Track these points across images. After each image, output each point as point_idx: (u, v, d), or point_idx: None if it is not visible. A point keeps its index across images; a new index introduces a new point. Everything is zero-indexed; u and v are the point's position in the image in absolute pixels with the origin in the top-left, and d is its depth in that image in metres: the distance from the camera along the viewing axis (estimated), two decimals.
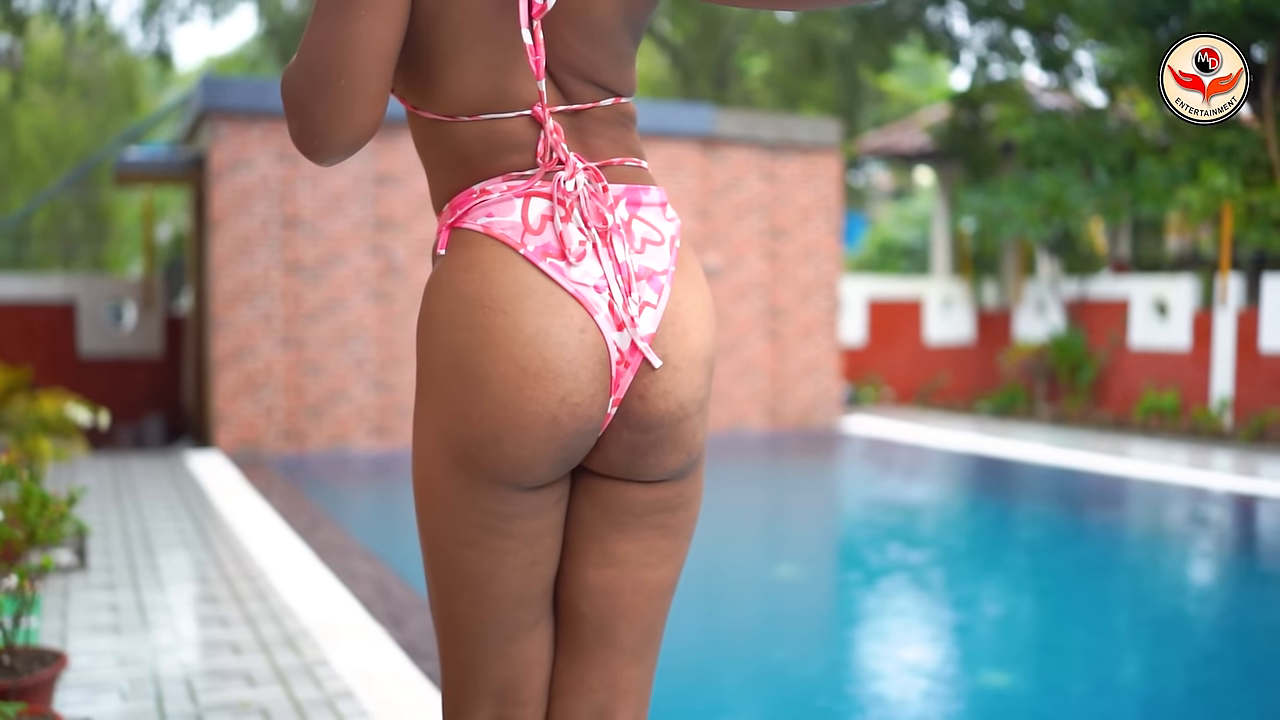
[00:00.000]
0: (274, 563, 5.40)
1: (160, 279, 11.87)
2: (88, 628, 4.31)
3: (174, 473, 8.47)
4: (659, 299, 1.49)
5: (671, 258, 1.52)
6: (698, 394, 1.53)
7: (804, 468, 10.44)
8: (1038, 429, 11.51)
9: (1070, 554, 6.81)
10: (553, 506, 1.56)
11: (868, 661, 4.89)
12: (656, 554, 1.59)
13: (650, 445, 1.52)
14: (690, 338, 1.52)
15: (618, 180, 1.52)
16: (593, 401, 1.46)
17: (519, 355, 1.44)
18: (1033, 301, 13.10)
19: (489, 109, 1.49)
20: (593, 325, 1.46)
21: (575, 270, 1.47)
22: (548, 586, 1.61)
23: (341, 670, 3.79)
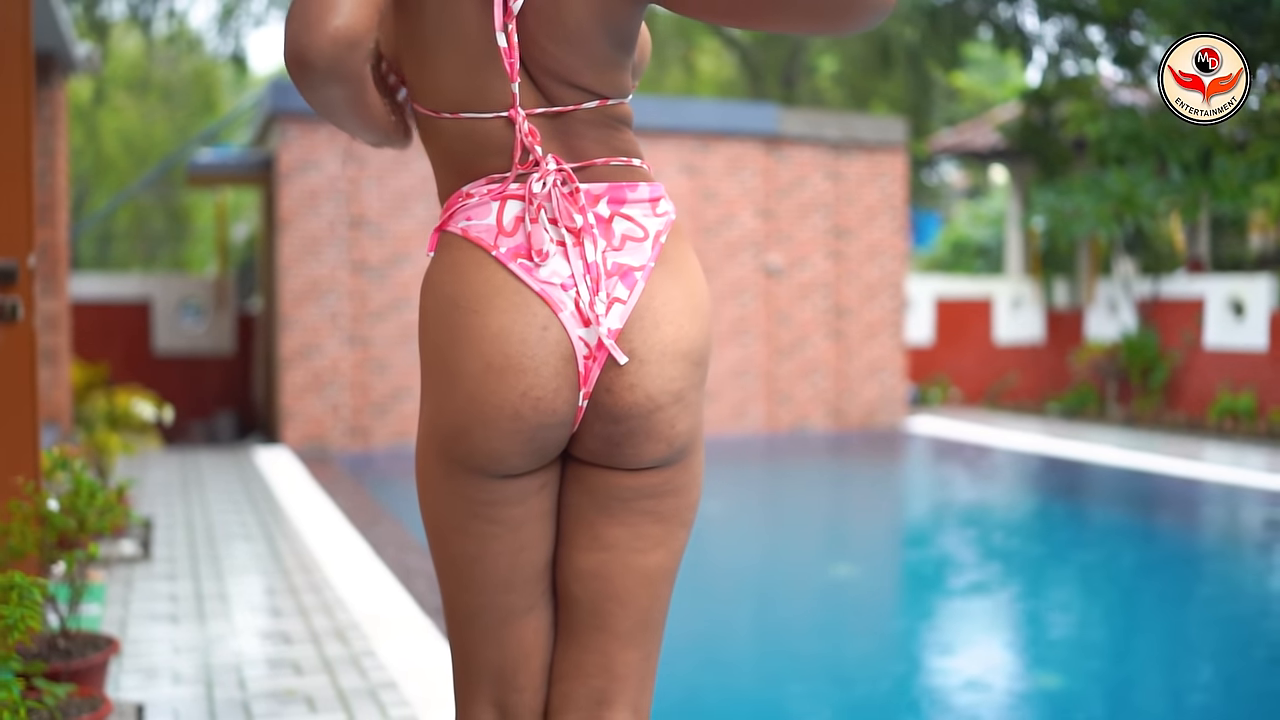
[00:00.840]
0: (331, 556, 5.49)
1: (234, 278, 12.11)
2: (147, 616, 4.42)
3: (241, 468, 8.64)
4: (630, 294, 1.52)
5: (652, 253, 1.55)
6: (670, 385, 1.55)
7: (867, 468, 10.37)
8: (1108, 431, 11.32)
9: (1141, 558, 6.70)
10: (536, 494, 1.60)
11: (927, 664, 4.85)
12: (647, 539, 1.62)
13: (624, 436, 1.55)
14: (662, 331, 1.54)
15: (601, 179, 1.56)
16: (556, 395, 1.52)
17: (485, 351, 1.51)
18: (1105, 301, 12.88)
19: (467, 107, 1.54)
20: (556, 322, 1.51)
21: (544, 269, 1.53)
22: (538, 573, 1.64)
23: (387, 661, 3.85)
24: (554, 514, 1.65)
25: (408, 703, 3.45)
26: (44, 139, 8.32)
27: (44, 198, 8.34)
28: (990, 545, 7.14)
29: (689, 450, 1.61)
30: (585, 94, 1.54)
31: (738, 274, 11.30)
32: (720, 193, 11.18)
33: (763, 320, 11.41)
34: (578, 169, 1.55)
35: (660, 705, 4.17)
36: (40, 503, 2.97)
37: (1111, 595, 5.96)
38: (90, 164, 20.25)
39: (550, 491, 1.63)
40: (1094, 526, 7.81)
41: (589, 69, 1.53)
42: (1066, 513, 8.28)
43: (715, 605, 5.68)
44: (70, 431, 8.38)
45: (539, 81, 1.54)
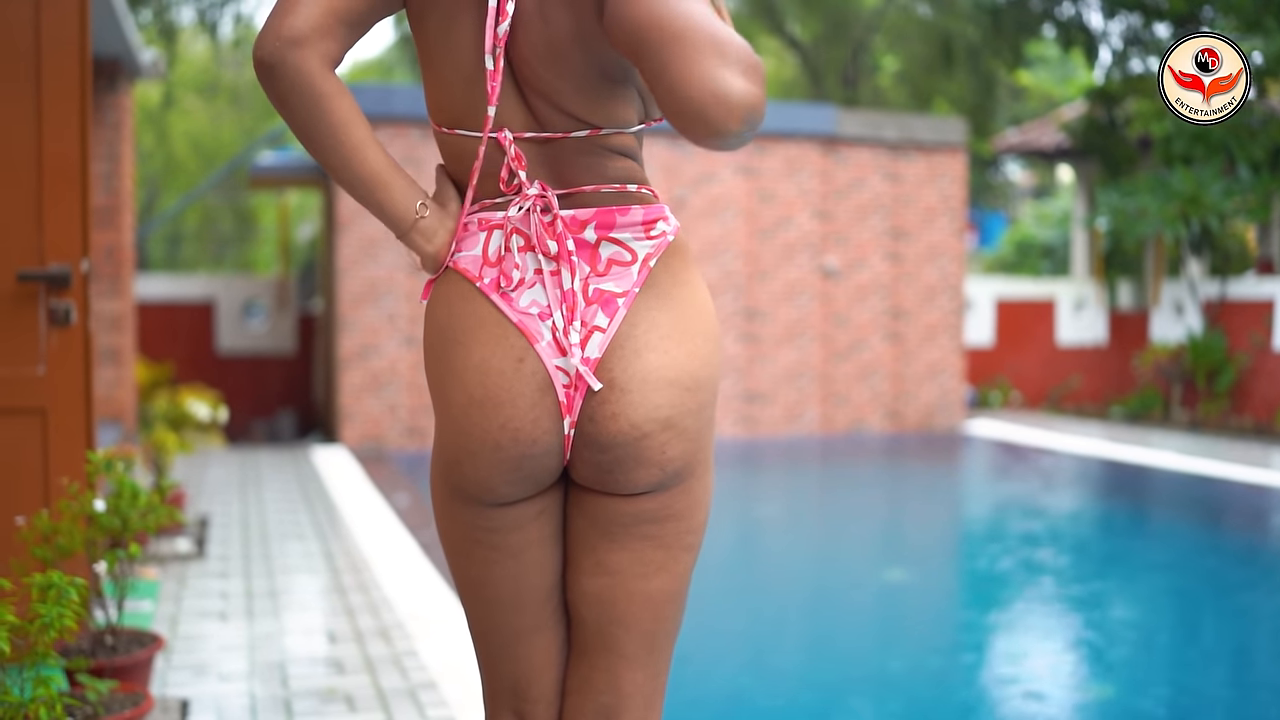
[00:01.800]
0: (381, 556, 5.56)
1: (296, 279, 12.28)
2: (198, 613, 4.51)
3: (299, 467, 8.76)
4: (610, 322, 1.52)
5: (638, 278, 1.54)
6: (656, 413, 1.53)
7: (924, 471, 10.28)
8: (1173, 435, 11.13)
9: (1207, 567, 6.56)
10: (534, 520, 1.62)
11: (981, 673, 4.80)
12: (649, 565, 1.62)
13: (613, 463, 1.55)
14: (644, 359, 1.52)
15: (588, 204, 1.55)
16: (535, 426, 1.53)
17: (468, 383, 1.54)
18: (1170, 302, 12.66)
19: (461, 124, 1.56)
20: (532, 353, 1.52)
21: (524, 299, 1.54)
22: (545, 595, 1.67)
23: (429, 662, 3.89)
24: (558, 538, 1.66)
25: (446, 703, 3.49)
26: (110, 143, 8.50)
27: (110, 201, 8.52)
28: (1050, 552, 7.04)
29: (687, 475, 1.59)
30: (576, 122, 1.53)
31: (794, 275, 11.26)
32: (778, 194, 11.14)
33: (819, 322, 11.35)
34: (564, 195, 1.54)
35: (708, 709, 4.18)
36: (86, 503, 3.04)
37: (1175, 606, 5.84)
38: (160, 167, 20.64)
39: (550, 518, 1.64)
40: (1158, 534, 7.68)
41: (578, 96, 1.52)
42: (1129, 519, 8.15)
43: (767, 608, 5.67)
44: (134, 431, 8.55)
45: (532, 105, 1.54)
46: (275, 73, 1.46)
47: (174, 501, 5.58)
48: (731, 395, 11.01)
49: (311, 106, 1.48)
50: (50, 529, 3.04)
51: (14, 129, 3.45)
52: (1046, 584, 6.22)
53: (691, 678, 4.16)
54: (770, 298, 11.17)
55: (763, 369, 11.16)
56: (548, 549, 1.65)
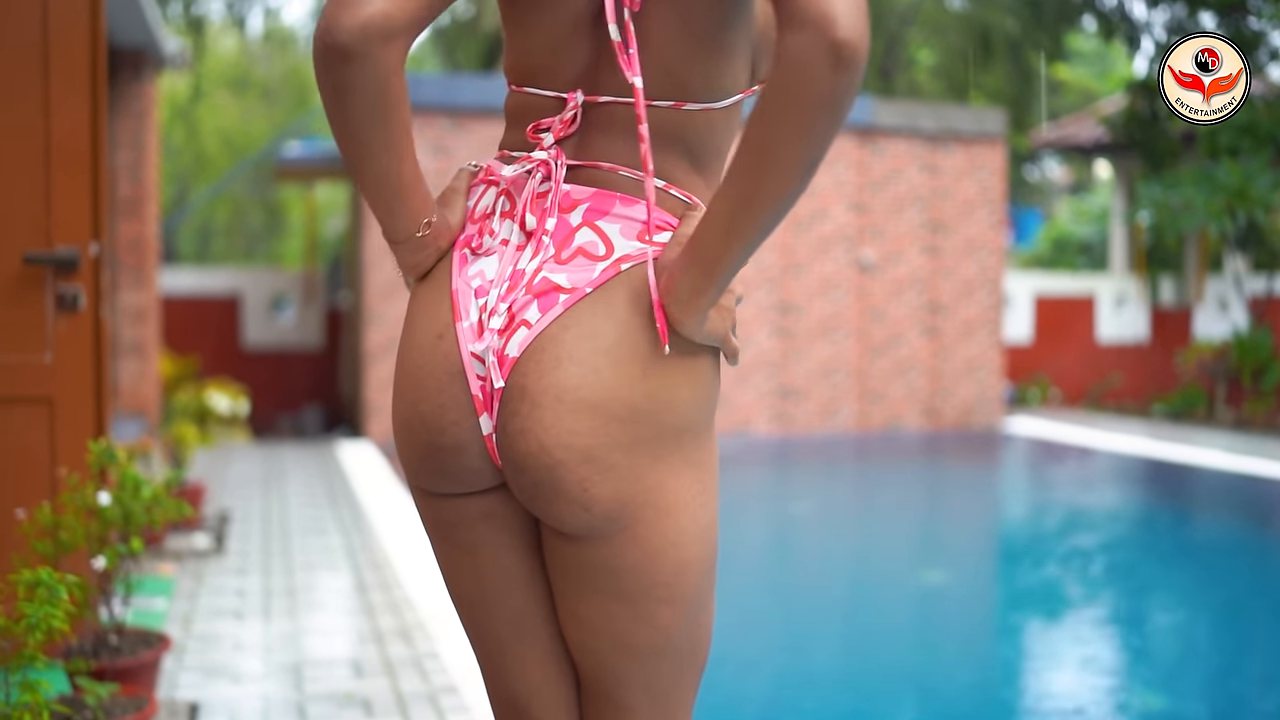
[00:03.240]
0: (404, 554, 5.40)
1: (324, 273, 12.16)
2: (213, 611, 4.35)
3: (323, 462, 8.63)
4: (540, 319, 1.29)
5: (598, 277, 1.29)
6: (571, 440, 1.28)
7: (962, 470, 10.05)
8: (1218, 434, 10.83)
9: (1252, 569, 6.33)
10: (480, 521, 1.42)
11: (1022, 680, 4.60)
12: (618, 619, 1.37)
13: (531, 489, 1.33)
14: (564, 371, 1.28)
15: (593, 184, 1.34)
16: (442, 414, 1.34)
17: (402, 347, 1.40)
18: (1214, 299, 12.35)
19: (532, 82, 1.37)
20: (451, 332, 1.34)
21: (472, 266, 1.36)
22: (523, 607, 1.46)
23: (450, 664, 3.72)
24: (524, 549, 1.45)
25: (467, 709, 3.31)
26: (134, 133, 8.39)
27: (134, 191, 8.41)
28: (1094, 555, 6.82)
29: (629, 520, 1.32)
30: (666, 86, 1.31)
31: (829, 269, 11.04)
32: (812, 186, 10.89)
33: (855, 317, 11.13)
34: (574, 167, 1.34)
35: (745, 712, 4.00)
36: (88, 495, 2.88)
37: (1223, 611, 5.62)
38: (191, 162, 20.62)
39: (502, 525, 1.42)
40: (1204, 536, 7.43)
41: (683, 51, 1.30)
42: (1174, 520, 7.90)
43: (801, 610, 5.48)
44: (157, 425, 8.44)
45: (612, 64, 1.32)
46: (352, 65, 1.22)
47: (191, 496, 5.43)
48: (765, 391, 10.81)
49: (376, 109, 1.26)
50: (52, 522, 2.89)
51: (22, 109, 3.35)
52: (1090, 588, 6.00)
53: (728, 680, 4.00)
54: (805, 292, 10.95)
55: (797, 364, 10.94)
56: (509, 557, 1.43)
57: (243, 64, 21.06)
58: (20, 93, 3.32)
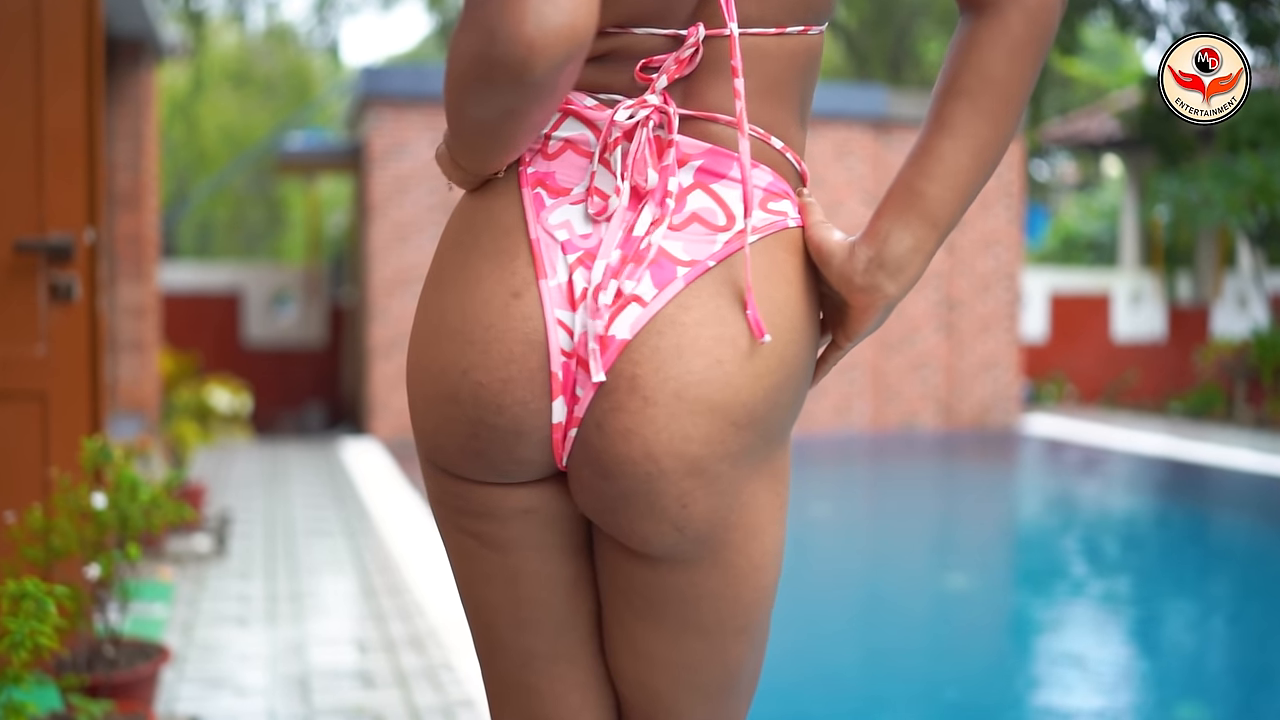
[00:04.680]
0: (414, 556, 5.19)
1: (327, 269, 11.95)
2: (215, 618, 4.15)
3: (328, 461, 8.42)
4: (657, 296, 1.07)
5: (721, 249, 1.09)
6: (684, 447, 1.07)
7: (980, 471, 9.84)
8: (1238, 433, 10.62)
9: (1276, 573, 6.13)
10: (518, 518, 1.18)
11: (1049, 689, 4.40)
12: (689, 653, 1.18)
13: (616, 500, 1.10)
14: (686, 363, 1.06)
15: (707, 139, 1.12)
16: (505, 390, 1.09)
17: (446, 302, 1.13)
18: (1233, 296, 12.14)
19: (634, 22, 1.11)
20: (534, 291, 1.09)
21: (554, 212, 1.11)
22: (561, 617, 1.23)
23: (465, 676, 3.52)
24: (571, 552, 1.22)
25: None
26: (133, 124, 8.19)
27: (132, 184, 8.20)
28: (1115, 559, 6.62)
29: (717, 544, 1.13)
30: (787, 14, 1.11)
31: None
32: (826, 179, 10.70)
33: None
34: (689, 117, 1.12)
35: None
36: (81, 497, 2.68)
37: (1243, 613, 5.44)
38: (192, 158, 20.42)
39: (546, 524, 1.19)
40: (1229, 539, 7.23)
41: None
42: (1198, 523, 7.69)
43: (819, 616, 5.28)
44: (157, 423, 8.24)
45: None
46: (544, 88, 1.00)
47: (192, 497, 5.23)
48: None
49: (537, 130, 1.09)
50: (44, 526, 2.68)
51: (14, 92, 3.17)
52: (1115, 594, 5.81)
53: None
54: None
55: None
56: (552, 561, 1.20)
57: (244, 59, 20.85)
58: (13, 75, 3.14)
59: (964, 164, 1.08)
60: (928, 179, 1.08)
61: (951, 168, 1.07)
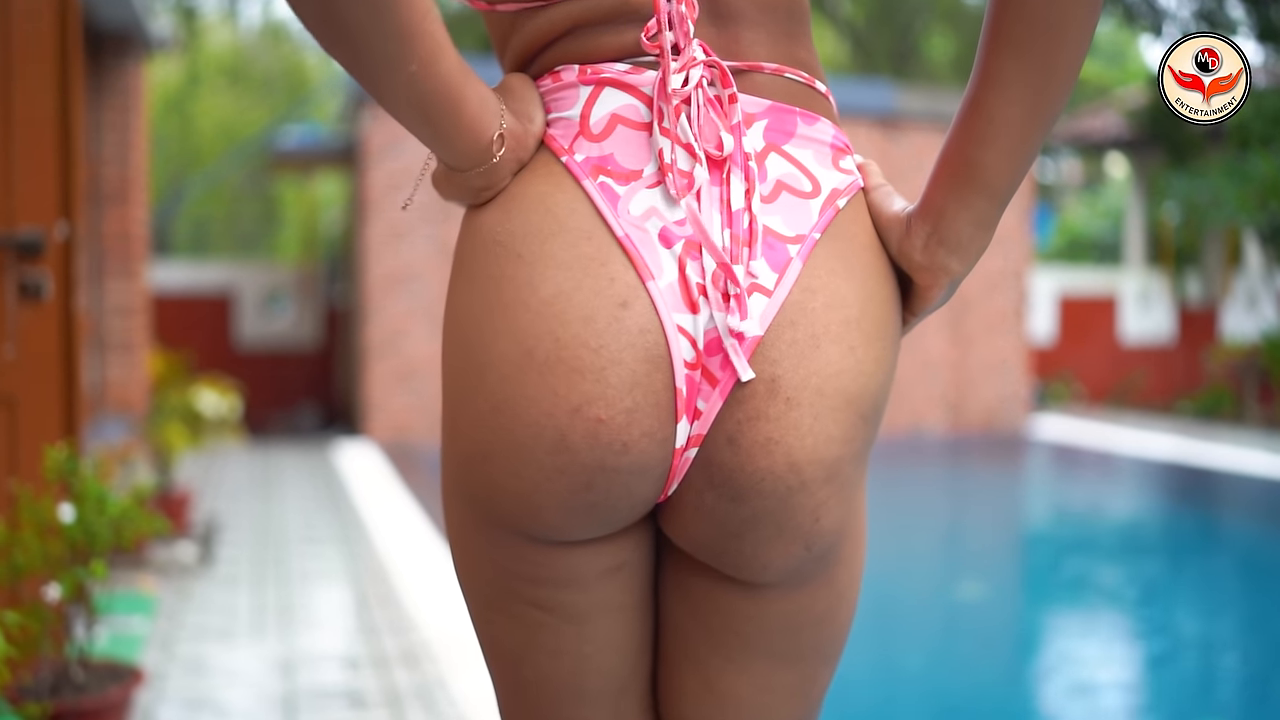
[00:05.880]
0: (409, 566, 4.99)
1: (323, 268, 11.76)
2: (198, 632, 3.94)
3: (321, 464, 8.22)
4: (779, 281, 0.93)
5: (820, 219, 0.97)
6: (828, 450, 0.94)
7: (989, 476, 9.64)
8: (1249, 434, 10.42)
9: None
10: (605, 579, 1.01)
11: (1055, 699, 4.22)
12: (778, 691, 1.06)
13: (744, 525, 0.95)
14: (823, 355, 0.93)
15: (762, 93, 0.98)
16: (630, 422, 0.91)
17: (526, 329, 0.91)
18: (1242, 296, 11.94)
19: None
20: (644, 297, 0.91)
21: (634, 201, 0.93)
22: (622, 685, 1.07)
23: (461, 695, 3.32)
24: (642, 609, 1.07)
25: None
26: (121, 117, 7.98)
27: (119, 179, 8.00)
28: (1128, 568, 6.44)
29: (833, 559, 1.01)
30: None
31: None
32: None
33: None
34: (734, 71, 0.97)
35: None
36: (46, 510, 2.48)
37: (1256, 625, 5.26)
38: (187, 154, 20.22)
39: (631, 579, 1.04)
40: (1236, 546, 7.03)
41: None
42: (1206, 530, 7.49)
43: None
44: (144, 426, 8.03)
45: None
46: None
47: (177, 504, 5.02)
48: None
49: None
50: (7, 541, 2.49)
51: None
52: (1132, 607, 5.62)
53: None
54: None
55: None
56: (626, 621, 1.05)
57: (239, 56, 20.65)
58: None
59: (1017, 123, 0.94)
60: (979, 144, 0.95)
61: (1004, 129, 0.94)
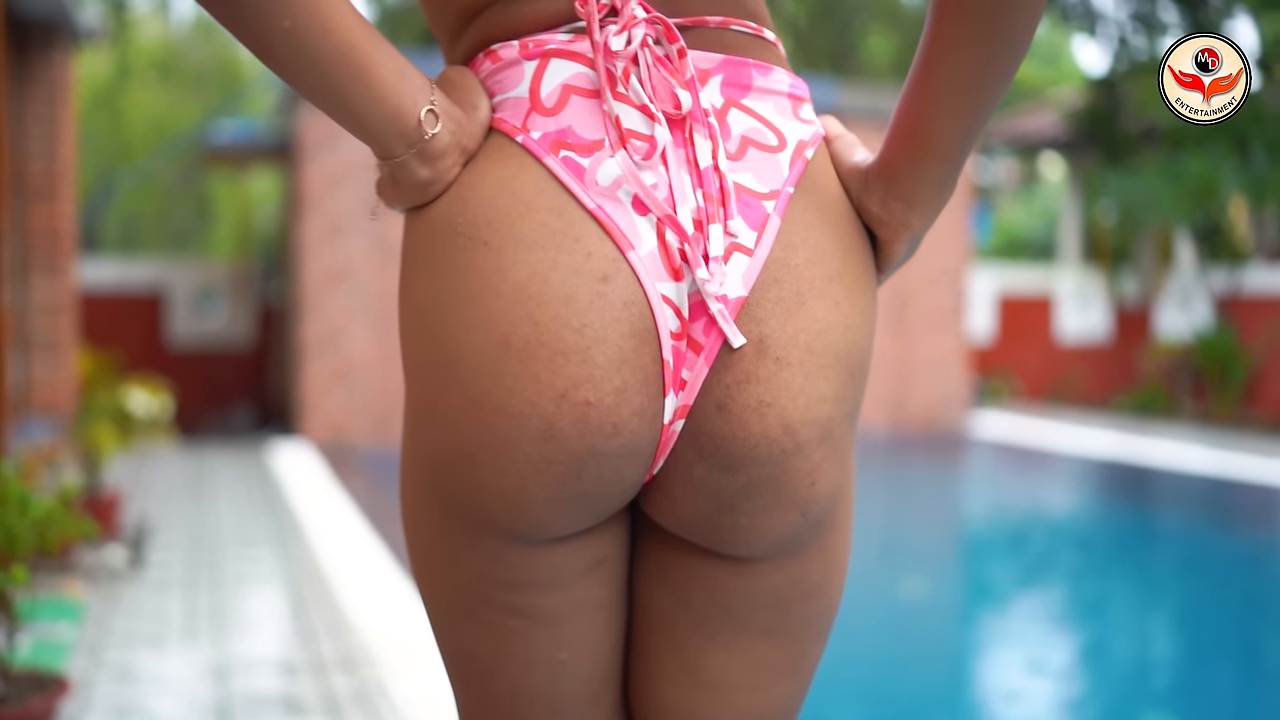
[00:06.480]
0: (347, 568, 4.88)
1: (257, 266, 11.55)
2: (127, 639, 3.81)
3: (256, 465, 8.05)
4: (759, 239, 0.90)
5: (792, 173, 0.93)
6: (819, 410, 0.90)
7: (931, 476, 9.67)
8: (1183, 429, 10.55)
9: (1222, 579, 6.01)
10: (585, 576, 0.96)
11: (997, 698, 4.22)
12: (767, 670, 1.01)
13: (738, 495, 0.90)
14: (810, 311, 0.90)
15: (711, 47, 0.94)
16: (620, 402, 0.86)
17: (500, 316, 0.86)
18: (1175, 295, 12.10)
19: None
20: (625, 269, 0.87)
21: (603, 172, 0.87)
22: (596, 688, 1.02)
23: (401, 700, 3.22)
24: (618, 606, 1.02)
25: None
26: (46, 110, 7.76)
27: (45, 174, 7.78)
28: (1074, 567, 6.49)
29: (828, 524, 0.97)
30: None
31: None
32: None
33: None
34: (681, 28, 0.93)
35: None
36: None
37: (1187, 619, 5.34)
38: (117, 150, 19.82)
39: (610, 573, 0.99)
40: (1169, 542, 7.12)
41: None
42: (1140, 526, 7.57)
43: None
44: (71, 427, 7.81)
45: None
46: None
47: (106, 506, 4.86)
48: None
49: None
50: None
51: None
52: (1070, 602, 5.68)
53: None
54: None
55: None
56: (602, 621, 1.00)
57: (170, 49, 20.27)
58: None
59: (965, 86, 0.90)
60: (929, 106, 0.91)
61: (953, 92, 0.90)
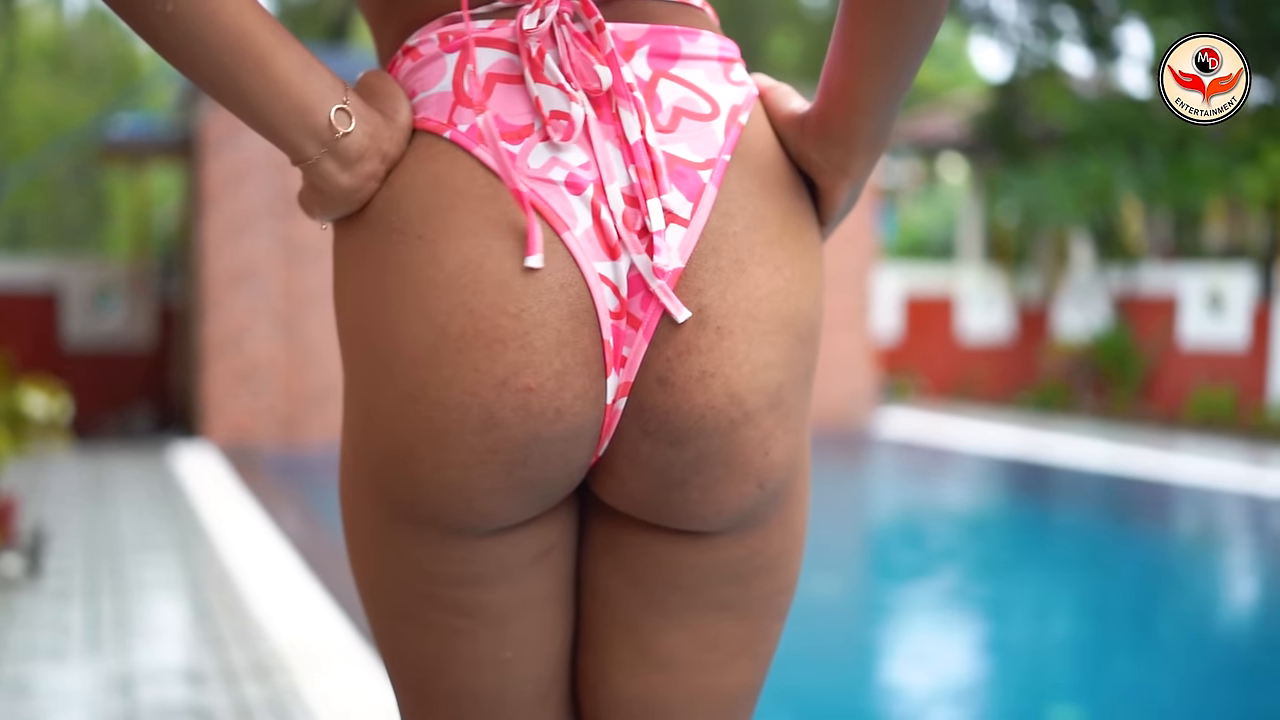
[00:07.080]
0: (255, 573, 4.76)
1: (156, 265, 11.27)
2: (24, 651, 3.67)
3: (157, 468, 7.85)
4: (695, 209, 0.89)
5: (725, 141, 0.91)
6: (767, 377, 0.90)
7: (837, 475, 9.78)
8: (1083, 424, 10.81)
9: (1119, 570, 6.19)
10: (533, 566, 0.94)
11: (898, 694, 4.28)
12: (723, 648, 0.99)
13: (688, 470, 0.90)
14: (750, 276, 0.90)
15: (635, 18, 0.93)
16: (560, 384, 0.86)
17: (436, 306, 0.85)
18: (1074, 294, 12.39)
19: None
20: (560, 251, 0.86)
21: (535, 157, 0.86)
22: (544, 689, 0.99)
23: (316, 707, 3.15)
24: (566, 600, 1.00)
25: None
26: None
27: None
28: (973, 561, 6.60)
29: (786, 494, 0.96)
30: None
31: None
32: None
33: None
34: (598, 2, 0.91)
35: None
36: None
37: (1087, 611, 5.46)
38: (4, 145, 19.21)
39: (558, 562, 0.97)
40: (1068, 536, 7.28)
41: None
42: (1042, 521, 7.74)
43: None
44: None
45: None
46: None
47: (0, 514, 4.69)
48: None
49: None
50: None
51: None
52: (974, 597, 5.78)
53: None
54: None
55: None
56: (551, 615, 0.98)
57: (61, 41, 19.69)
58: None
59: (882, 48, 0.89)
60: (848, 70, 0.90)
61: (870, 54, 0.89)
